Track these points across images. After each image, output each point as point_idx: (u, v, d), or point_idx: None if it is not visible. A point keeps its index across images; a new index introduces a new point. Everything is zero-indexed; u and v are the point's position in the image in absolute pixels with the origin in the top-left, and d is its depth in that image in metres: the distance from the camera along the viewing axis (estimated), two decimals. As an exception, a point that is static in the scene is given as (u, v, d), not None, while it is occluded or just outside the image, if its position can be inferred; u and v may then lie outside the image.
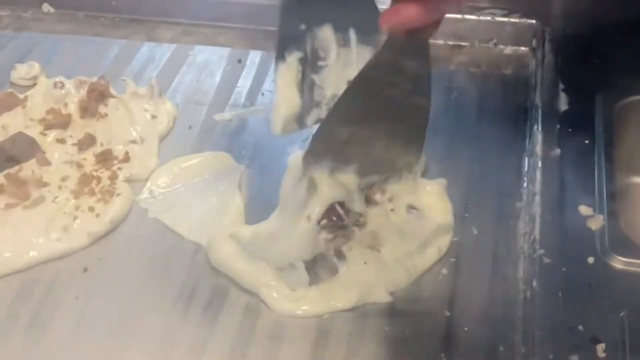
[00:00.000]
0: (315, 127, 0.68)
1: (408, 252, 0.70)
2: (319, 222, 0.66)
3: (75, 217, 0.74)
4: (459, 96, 0.87)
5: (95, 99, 0.85)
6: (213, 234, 0.71)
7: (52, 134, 0.82)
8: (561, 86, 0.81)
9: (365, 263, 0.69)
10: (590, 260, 0.65)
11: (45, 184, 0.77)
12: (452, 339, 0.64)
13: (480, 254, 0.71)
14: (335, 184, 0.67)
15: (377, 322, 0.66)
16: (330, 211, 0.67)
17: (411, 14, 0.56)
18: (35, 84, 0.89)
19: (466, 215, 0.73)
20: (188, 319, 0.67)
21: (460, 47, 0.93)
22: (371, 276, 0.68)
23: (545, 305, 0.63)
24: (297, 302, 0.67)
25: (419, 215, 0.71)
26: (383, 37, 0.62)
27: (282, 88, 0.68)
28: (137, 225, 0.75)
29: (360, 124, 0.66)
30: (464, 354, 0.63)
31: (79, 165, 0.79)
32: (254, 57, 0.94)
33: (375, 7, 0.67)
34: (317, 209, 0.66)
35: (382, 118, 0.67)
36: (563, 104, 0.79)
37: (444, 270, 0.70)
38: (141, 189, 0.78)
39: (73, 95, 0.86)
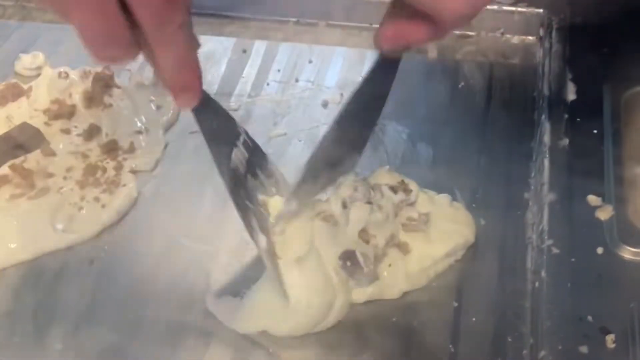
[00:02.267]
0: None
1: (433, 260, 0.68)
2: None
3: (80, 208, 0.74)
4: (466, 86, 0.86)
5: (100, 89, 0.85)
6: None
7: (57, 125, 0.82)
8: (569, 75, 0.80)
9: (390, 265, 0.67)
10: (600, 250, 0.65)
11: (50, 175, 0.77)
12: (460, 329, 0.64)
13: (489, 244, 0.70)
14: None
15: (385, 312, 0.66)
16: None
17: (418, 35, 0.52)
18: (39, 74, 0.88)
19: (474, 205, 0.73)
20: (194, 309, 0.67)
21: (467, 36, 0.93)
22: (393, 279, 0.67)
23: (554, 295, 0.62)
24: None
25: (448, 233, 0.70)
26: None
27: None
28: (142, 215, 0.75)
29: (345, 148, 0.65)
30: (472, 345, 0.63)
31: (84, 156, 0.79)
32: (259, 47, 0.93)
33: None
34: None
35: (357, 136, 0.65)
36: (571, 94, 0.79)
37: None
38: (146, 179, 0.78)
39: (78, 85, 0.85)
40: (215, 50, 0.93)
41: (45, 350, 0.64)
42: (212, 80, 0.89)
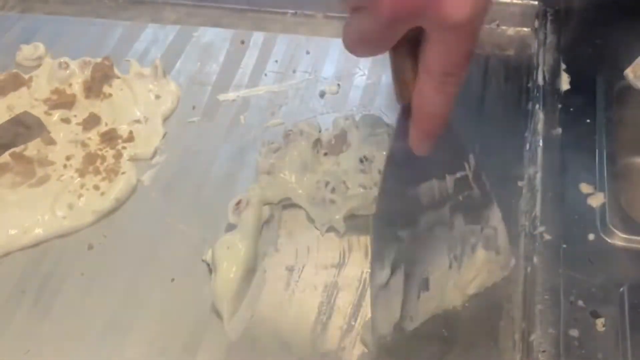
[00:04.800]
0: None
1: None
2: None
3: (80, 195, 0.75)
4: (462, 77, 0.87)
5: (100, 79, 0.86)
6: None
7: (57, 114, 0.83)
8: (563, 66, 0.81)
9: None
10: (591, 236, 0.66)
11: (50, 163, 0.78)
12: (453, 314, 0.65)
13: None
14: None
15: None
16: None
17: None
18: (40, 65, 0.89)
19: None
20: (192, 295, 0.68)
21: (463, 28, 0.93)
22: None
23: (546, 280, 0.63)
24: None
25: None
26: None
27: None
28: (141, 203, 0.76)
29: None
30: (465, 330, 0.64)
31: (84, 145, 0.80)
32: (257, 38, 0.94)
33: None
34: None
35: None
36: (565, 84, 0.79)
37: (446, 247, 0.70)
38: (145, 168, 0.79)
39: (78, 75, 0.87)
40: (213, 42, 0.94)
41: (46, 333, 0.66)
42: (210, 71, 0.90)
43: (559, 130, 0.75)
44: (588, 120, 0.76)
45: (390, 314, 0.61)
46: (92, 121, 0.82)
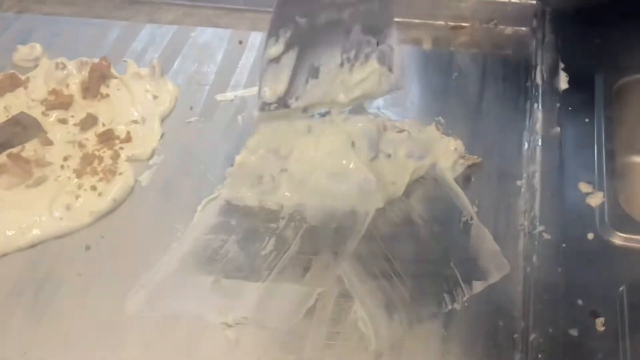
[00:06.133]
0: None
1: None
2: None
3: (77, 196, 0.75)
4: (460, 76, 0.87)
5: (97, 79, 0.86)
6: None
7: (54, 115, 0.83)
8: (561, 65, 0.81)
9: None
10: (590, 236, 0.66)
11: (47, 164, 0.78)
12: (453, 313, 0.65)
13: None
14: None
15: (378, 297, 0.66)
16: None
17: None
18: (37, 66, 0.89)
19: (467, 192, 0.74)
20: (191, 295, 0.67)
21: (461, 27, 0.93)
22: None
23: (545, 280, 0.63)
24: None
25: None
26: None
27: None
28: (139, 203, 0.76)
29: None
30: (465, 329, 0.64)
31: (81, 145, 0.80)
32: (255, 38, 0.94)
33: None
34: None
35: None
36: (563, 83, 0.80)
37: (445, 247, 0.70)
38: (143, 168, 0.78)
39: (75, 76, 0.87)
40: (211, 42, 0.94)
41: (43, 334, 0.65)
42: (208, 71, 0.90)
43: (558, 129, 0.75)
44: (587, 119, 0.76)
45: (277, 86, 0.73)
46: (89, 122, 0.82)
